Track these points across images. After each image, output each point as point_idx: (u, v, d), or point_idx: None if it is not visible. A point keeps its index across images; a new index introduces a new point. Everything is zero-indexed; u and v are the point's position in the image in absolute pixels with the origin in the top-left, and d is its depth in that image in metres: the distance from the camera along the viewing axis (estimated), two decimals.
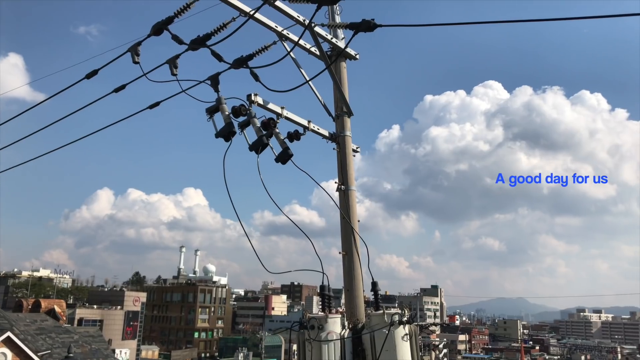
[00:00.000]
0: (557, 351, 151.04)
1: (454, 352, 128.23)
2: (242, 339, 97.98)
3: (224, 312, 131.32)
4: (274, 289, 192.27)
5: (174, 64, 6.30)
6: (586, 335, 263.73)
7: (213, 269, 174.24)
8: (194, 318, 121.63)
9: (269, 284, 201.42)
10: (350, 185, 7.15)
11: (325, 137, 7.34)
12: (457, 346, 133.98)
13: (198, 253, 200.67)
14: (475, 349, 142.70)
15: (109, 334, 75.07)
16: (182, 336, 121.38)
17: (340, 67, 7.50)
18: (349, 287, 6.81)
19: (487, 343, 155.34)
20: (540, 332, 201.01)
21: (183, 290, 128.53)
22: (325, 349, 6.09)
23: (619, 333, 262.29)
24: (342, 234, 7.05)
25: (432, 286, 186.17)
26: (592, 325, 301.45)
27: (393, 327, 6.15)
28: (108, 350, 32.12)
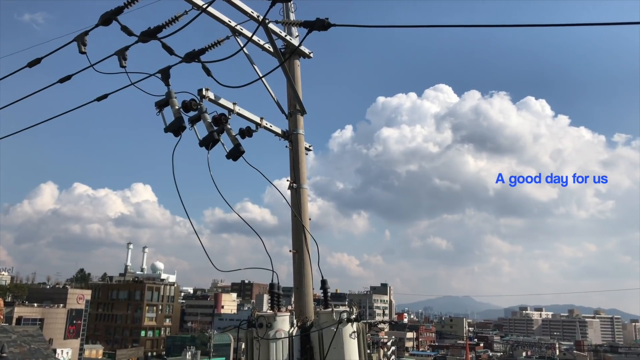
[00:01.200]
0: (501, 348, 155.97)
1: (402, 349, 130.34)
2: (190, 338, 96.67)
3: (172, 311, 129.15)
4: (224, 287, 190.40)
5: (123, 55, 6.13)
6: (528, 332, 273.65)
7: (161, 267, 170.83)
8: (140, 316, 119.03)
9: (219, 282, 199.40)
10: (302, 183, 7.15)
11: (278, 135, 7.32)
12: (405, 344, 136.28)
13: (146, 250, 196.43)
14: (423, 347, 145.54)
15: (50, 333, 72.60)
16: (128, 335, 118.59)
17: (294, 65, 7.49)
18: (298, 285, 6.81)
19: (434, 340, 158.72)
20: (485, 330, 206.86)
21: (130, 288, 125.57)
22: (273, 347, 6.07)
23: (557, 330, 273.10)
24: (293, 232, 7.05)
25: (381, 284, 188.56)
26: (533, 323, 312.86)
27: (341, 324, 6.19)
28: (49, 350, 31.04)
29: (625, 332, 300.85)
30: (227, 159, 6.25)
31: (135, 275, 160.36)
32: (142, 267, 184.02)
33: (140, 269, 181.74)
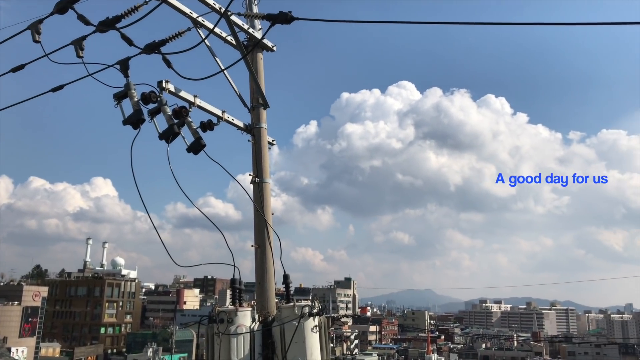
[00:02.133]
0: (461, 340, 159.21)
1: (365, 342, 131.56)
2: (151, 334, 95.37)
3: (132, 307, 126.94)
4: (186, 283, 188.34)
5: (79, 45, 5.96)
6: (487, 324, 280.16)
7: (122, 262, 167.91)
8: (100, 313, 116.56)
9: (181, 278, 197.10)
10: (264, 178, 7.10)
11: (240, 129, 7.24)
12: (368, 337, 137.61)
13: (106, 245, 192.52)
14: (385, 340, 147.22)
15: (4, 331, 70.57)
16: (87, 332, 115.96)
17: (257, 58, 7.42)
18: (260, 280, 6.77)
19: (397, 333, 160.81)
20: (446, 322, 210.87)
21: (89, 284, 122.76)
22: (234, 342, 6.03)
23: (516, 322, 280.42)
24: (255, 227, 7.00)
25: (345, 279, 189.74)
26: (492, 315, 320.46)
27: (303, 319, 6.20)
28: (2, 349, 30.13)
29: (579, 323, 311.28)
30: (188, 152, 6.16)
31: (95, 271, 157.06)
32: (102, 263, 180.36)
33: (100, 265, 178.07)
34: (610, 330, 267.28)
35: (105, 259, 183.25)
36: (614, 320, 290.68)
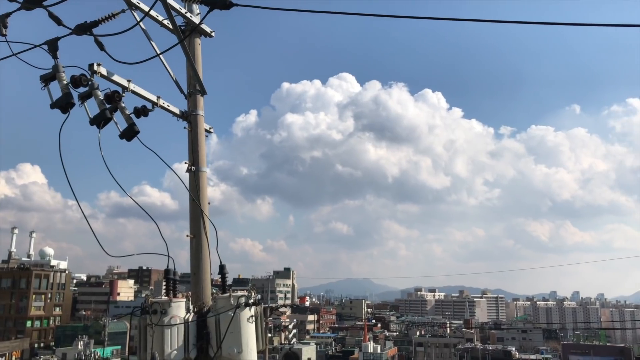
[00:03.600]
0: (396, 328, 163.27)
1: (303, 332, 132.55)
2: (82, 327, 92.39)
3: (62, 299, 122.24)
4: (120, 274, 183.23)
5: (3, 23, 5.61)
6: (422, 312, 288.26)
7: (51, 253, 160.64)
8: (26, 306, 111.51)
9: (115, 269, 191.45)
10: (201, 166, 6.97)
11: (176, 115, 7.05)
12: (306, 326, 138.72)
13: (34, 235, 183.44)
14: (323, 329, 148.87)
15: None
16: (11, 326, 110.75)
17: (195, 44, 7.23)
18: (195, 271, 6.66)
19: (334, 322, 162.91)
20: (382, 311, 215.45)
21: (14, 276, 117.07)
22: (167, 334, 5.91)
23: (449, 309, 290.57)
24: (190, 216, 6.86)
25: (284, 269, 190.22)
26: (427, 303, 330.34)
27: (239, 309, 6.15)
28: None
29: (508, 310, 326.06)
30: (120, 139, 5.96)
31: (21, 262, 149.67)
32: (29, 254, 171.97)
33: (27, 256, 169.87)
34: (536, 317, 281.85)
35: (32, 249, 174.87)
36: (540, 307, 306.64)
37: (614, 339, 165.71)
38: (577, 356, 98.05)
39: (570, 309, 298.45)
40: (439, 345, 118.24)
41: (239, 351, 6.12)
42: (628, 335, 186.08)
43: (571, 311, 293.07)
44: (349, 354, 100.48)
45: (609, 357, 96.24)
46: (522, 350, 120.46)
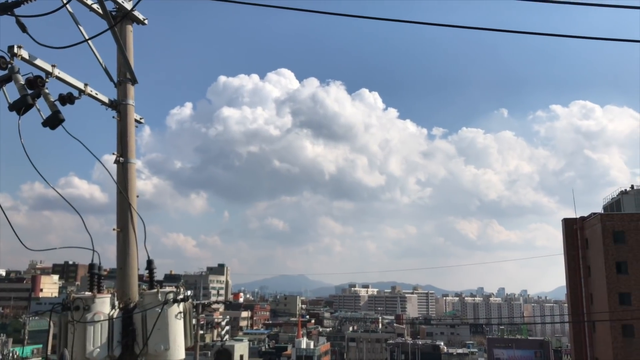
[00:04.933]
0: (330, 323, 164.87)
1: (236, 328, 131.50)
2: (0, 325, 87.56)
3: None
4: (44, 269, 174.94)
5: None
6: (355, 307, 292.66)
7: None
8: None
9: (38, 263, 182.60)
10: (130, 157, 6.73)
11: (104, 104, 6.78)
12: (240, 323, 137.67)
13: None
14: (257, 325, 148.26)
15: None
16: None
17: (126, 30, 6.97)
18: (122, 266, 6.44)
19: (268, 319, 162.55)
20: (317, 307, 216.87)
21: None
22: (90, 331, 5.68)
23: (381, 305, 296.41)
24: (118, 209, 6.62)
25: (218, 265, 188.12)
26: (360, 299, 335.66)
27: (167, 305, 6.01)
28: None
29: (438, 306, 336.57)
30: (44, 127, 5.67)
31: None
32: None
33: None
34: (464, 312, 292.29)
35: None
36: (467, 302, 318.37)
37: (534, 332, 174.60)
38: (501, 350, 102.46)
39: (496, 304, 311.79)
40: (371, 340, 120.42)
41: (166, 348, 5.98)
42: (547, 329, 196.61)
43: (497, 306, 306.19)
44: (282, 350, 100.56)
45: (529, 350, 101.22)
46: (450, 344, 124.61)
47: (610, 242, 47.93)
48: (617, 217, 49.52)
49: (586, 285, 52.44)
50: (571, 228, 54.59)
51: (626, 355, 45.57)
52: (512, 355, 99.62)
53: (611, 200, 56.46)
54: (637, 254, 47.17)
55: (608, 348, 46.80)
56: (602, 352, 49.02)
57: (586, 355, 51.91)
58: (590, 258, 51.67)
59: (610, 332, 46.27)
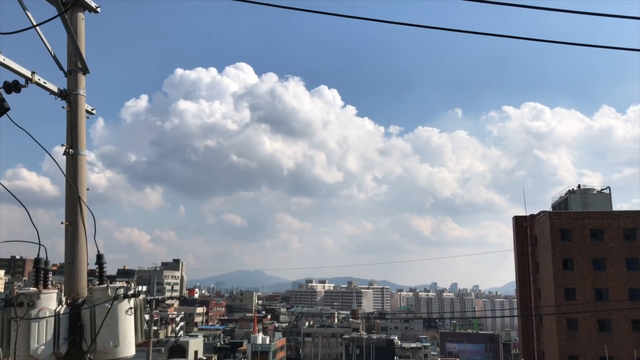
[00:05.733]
0: (286, 319, 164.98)
1: (191, 324, 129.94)
2: None
3: None
4: None
5: None
6: (312, 303, 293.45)
7: None
8: None
9: None
10: (80, 149, 6.53)
11: (54, 94, 6.55)
12: (195, 318, 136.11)
13: None
14: (212, 321, 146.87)
15: None
16: None
17: (77, 18, 6.74)
18: (70, 260, 6.25)
19: (224, 314, 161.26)
20: (273, 302, 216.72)
21: None
22: (34, 328, 5.49)
23: (338, 300, 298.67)
24: (67, 202, 6.42)
25: (173, 260, 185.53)
26: (317, 294, 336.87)
27: (117, 301, 5.87)
28: None
29: (393, 301, 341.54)
30: None
31: None
32: None
33: None
34: (417, 307, 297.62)
35: None
36: (421, 297, 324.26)
37: (485, 327, 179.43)
38: (453, 344, 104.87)
39: (449, 299, 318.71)
40: (327, 335, 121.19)
41: (115, 344, 5.84)
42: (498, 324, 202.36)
43: (449, 301, 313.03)
44: (237, 346, 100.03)
45: (480, 344, 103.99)
46: (404, 339, 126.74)
47: (558, 239, 49.68)
48: (564, 216, 51.33)
49: (535, 280, 54.19)
50: (521, 225, 56.27)
51: (570, 347, 47.39)
52: (463, 349, 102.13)
53: (559, 199, 58.46)
54: (583, 251, 49.04)
55: (554, 341, 48.55)
56: (548, 345, 50.82)
57: (533, 348, 53.71)
58: (539, 254, 53.40)
59: (556, 326, 48.01)
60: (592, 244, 49.26)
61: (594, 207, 53.53)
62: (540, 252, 53.24)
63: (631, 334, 46.86)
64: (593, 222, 49.95)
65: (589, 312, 46.83)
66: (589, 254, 49.08)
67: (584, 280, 48.50)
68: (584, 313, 46.87)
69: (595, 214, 50.66)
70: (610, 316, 47.17)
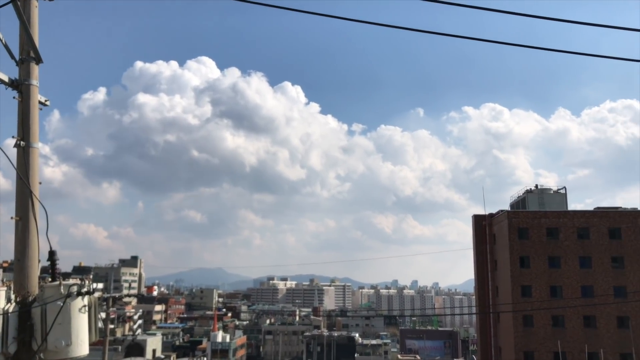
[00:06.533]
0: (247, 316, 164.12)
1: (150, 322, 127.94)
2: None
3: None
4: None
5: None
6: (273, 300, 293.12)
7: None
8: None
9: None
10: (32, 141, 6.30)
11: (4, 83, 6.29)
12: (153, 316, 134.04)
13: None
14: (171, 319, 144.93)
15: None
16: None
17: (31, 6, 6.49)
18: (20, 257, 6.02)
19: (184, 312, 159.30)
20: (234, 300, 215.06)
21: None
22: None
23: (299, 298, 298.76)
24: (17, 196, 6.18)
25: (132, 257, 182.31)
26: (279, 292, 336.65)
27: (70, 299, 5.69)
28: None
29: (354, 298, 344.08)
30: None
31: None
32: None
33: None
34: (379, 304, 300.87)
35: None
36: (382, 295, 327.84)
37: (444, 324, 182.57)
38: (413, 340, 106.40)
39: (409, 296, 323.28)
40: (288, 332, 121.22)
41: (67, 343, 5.67)
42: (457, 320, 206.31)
43: (410, 298, 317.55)
44: (197, 344, 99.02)
45: (439, 340, 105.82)
46: (365, 336, 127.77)
47: (516, 237, 50.91)
48: (522, 215, 52.65)
49: (493, 278, 55.42)
50: (480, 224, 57.45)
51: (526, 343, 48.68)
52: (423, 345, 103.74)
53: (517, 199, 59.92)
54: (539, 249, 50.41)
55: (510, 337, 49.77)
56: (505, 341, 52.07)
57: (490, 344, 54.95)
58: (497, 253, 54.63)
59: (513, 323, 49.22)
60: (548, 242, 50.66)
61: (551, 207, 55.09)
62: (498, 250, 54.46)
63: (583, 329, 48.45)
64: (549, 222, 51.36)
65: (544, 309, 48.19)
66: (545, 252, 50.44)
67: (539, 277, 49.83)
68: (539, 310, 48.21)
69: (552, 214, 52.11)
70: (564, 313, 48.63)
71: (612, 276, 49.34)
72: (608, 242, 50.07)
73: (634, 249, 49.62)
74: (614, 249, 49.98)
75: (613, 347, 47.66)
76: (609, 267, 49.59)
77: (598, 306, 47.91)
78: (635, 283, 48.90)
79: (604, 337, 47.96)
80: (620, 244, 49.93)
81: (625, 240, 49.95)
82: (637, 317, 48.10)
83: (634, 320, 47.93)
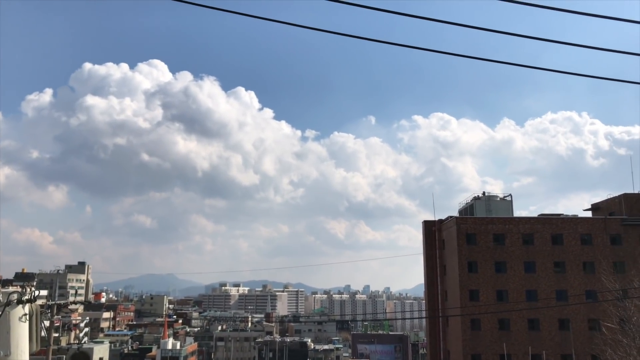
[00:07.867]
0: (198, 323, 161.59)
1: (97, 330, 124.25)
2: None
3: None
4: None
5: None
6: (225, 307, 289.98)
7: None
8: None
9: None
10: None
11: None
12: (101, 324, 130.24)
13: None
14: (120, 326, 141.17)
15: None
16: None
17: None
18: None
19: (133, 319, 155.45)
20: (185, 307, 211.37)
21: None
22: None
23: (252, 304, 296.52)
24: None
25: (79, 263, 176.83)
26: (231, 298, 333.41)
27: (9, 307, 5.52)
28: None
29: (307, 303, 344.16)
30: None
31: None
32: None
33: None
34: (331, 309, 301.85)
35: None
36: (335, 300, 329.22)
37: (395, 328, 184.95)
38: (364, 345, 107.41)
39: (361, 301, 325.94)
40: (240, 339, 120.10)
41: (6, 354, 5.49)
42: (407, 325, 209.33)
43: (362, 303, 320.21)
44: (146, 352, 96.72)
45: (390, 344, 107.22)
46: (317, 341, 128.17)
47: (464, 243, 52.22)
48: (470, 221, 54.06)
49: (442, 282, 56.62)
50: (430, 230, 58.64)
51: (473, 346, 49.93)
52: (374, 349, 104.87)
53: (465, 205, 61.51)
54: (486, 254, 51.88)
55: (458, 340, 50.94)
56: (453, 344, 53.24)
57: (440, 347, 56.07)
58: (446, 258, 55.87)
59: (461, 326, 50.41)
60: (495, 248, 52.20)
61: (497, 213, 56.81)
62: (447, 256, 55.68)
63: (527, 332, 50.11)
64: (496, 227, 52.93)
65: (491, 312, 49.58)
66: (492, 257, 51.93)
67: (486, 282, 51.24)
68: (486, 314, 49.57)
69: (498, 220, 53.71)
70: (510, 316, 50.18)
71: (554, 280, 51.33)
72: (551, 248, 52.08)
73: (574, 254, 51.81)
74: (556, 254, 52.02)
75: (555, 348, 49.55)
76: (551, 272, 51.56)
77: (541, 309, 49.72)
78: (575, 287, 51.05)
79: (547, 339, 49.79)
80: (562, 249, 52.03)
81: (567, 245, 52.10)
82: (577, 319, 50.20)
83: (574, 322, 50.00)
